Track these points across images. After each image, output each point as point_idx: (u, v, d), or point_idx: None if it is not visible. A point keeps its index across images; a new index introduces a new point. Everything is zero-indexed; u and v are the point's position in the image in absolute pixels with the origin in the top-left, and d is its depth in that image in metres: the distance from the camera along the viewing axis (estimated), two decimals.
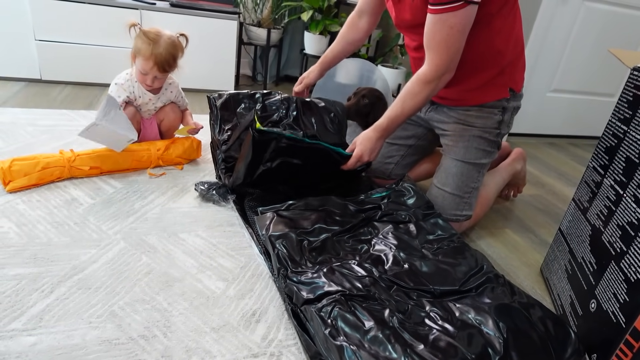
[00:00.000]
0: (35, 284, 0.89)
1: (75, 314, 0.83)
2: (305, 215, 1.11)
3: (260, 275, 1.02)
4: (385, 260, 1.01)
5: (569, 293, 1.01)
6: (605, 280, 0.87)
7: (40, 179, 1.24)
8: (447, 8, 1.02)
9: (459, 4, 1.00)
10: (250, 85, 2.80)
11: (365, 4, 1.44)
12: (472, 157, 1.28)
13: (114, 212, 1.19)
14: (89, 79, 2.24)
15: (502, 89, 1.26)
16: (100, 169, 1.35)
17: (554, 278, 1.13)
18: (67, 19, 2.09)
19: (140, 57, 1.37)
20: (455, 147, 1.30)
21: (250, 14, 2.68)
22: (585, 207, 1.04)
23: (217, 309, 0.90)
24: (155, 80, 1.43)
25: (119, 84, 1.43)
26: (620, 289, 0.82)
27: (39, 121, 1.69)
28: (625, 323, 0.79)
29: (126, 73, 1.44)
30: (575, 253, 1.03)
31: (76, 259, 0.98)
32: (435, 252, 1.06)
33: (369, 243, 1.08)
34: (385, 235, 1.11)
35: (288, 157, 1.22)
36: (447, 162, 1.31)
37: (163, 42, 1.36)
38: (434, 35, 1.08)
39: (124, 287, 0.92)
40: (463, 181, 1.29)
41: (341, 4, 2.55)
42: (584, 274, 0.96)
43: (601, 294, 0.88)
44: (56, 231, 1.07)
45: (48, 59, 2.14)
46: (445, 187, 1.29)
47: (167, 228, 1.15)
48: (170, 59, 1.38)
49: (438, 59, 1.10)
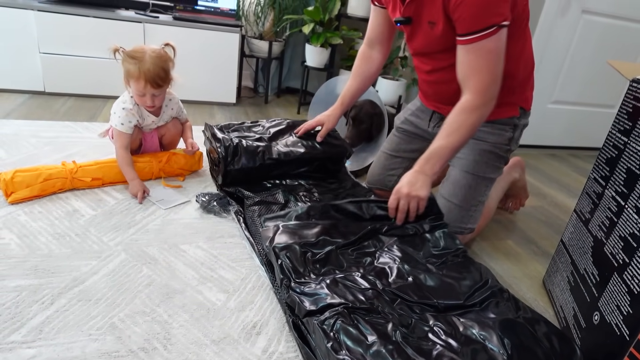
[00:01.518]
0: (35, 295, 0.89)
1: (75, 326, 0.83)
2: (309, 226, 1.11)
3: (261, 287, 1.02)
4: (389, 272, 1.01)
5: (572, 305, 1.01)
6: (608, 292, 0.87)
7: (43, 191, 1.24)
8: (482, 35, 1.01)
9: (493, 29, 1.00)
10: (251, 97, 2.82)
11: (375, 34, 1.43)
12: (481, 170, 1.28)
13: (115, 223, 1.19)
14: (92, 91, 2.26)
15: (513, 108, 1.28)
16: (102, 181, 1.35)
17: (556, 290, 1.13)
18: (71, 32, 2.11)
19: (131, 79, 1.32)
20: (466, 160, 1.29)
21: (252, 27, 2.71)
22: (587, 218, 1.04)
23: (218, 321, 0.90)
24: (155, 99, 1.36)
25: (128, 109, 1.36)
26: (623, 301, 0.81)
27: (41, 133, 1.70)
28: (629, 336, 0.77)
29: (131, 97, 1.39)
30: (577, 265, 1.03)
31: (77, 271, 0.98)
32: (440, 266, 1.05)
33: (373, 256, 1.07)
34: (389, 247, 1.10)
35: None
36: (456, 173, 1.30)
37: (148, 58, 1.30)
38: (471, 63, 1.06)
39: (124, 299, 0.92)
40: (471, 194, 1.28)
41: (342, 16, 2.57)
42: (587, 285, 0.96)
43: (604, 306, 0.87)
44: (57, 242, 1.07)
45: (52, 72, 2.16)
46: (453, 199, 1.28)
47: (168, 239, 1.15)
48: (160, 72, 1.32)
49: (481, 85, 1.07)
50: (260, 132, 1.54)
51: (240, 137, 1.45)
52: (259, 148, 1.42)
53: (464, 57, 1.07)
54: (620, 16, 2.34)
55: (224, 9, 2.55)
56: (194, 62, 2.34)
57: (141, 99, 1.36)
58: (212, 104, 2.51)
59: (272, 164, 1.43)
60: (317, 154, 1.51)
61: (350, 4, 2.52)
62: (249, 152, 1.40)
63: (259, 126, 1.59)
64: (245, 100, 2.71)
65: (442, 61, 1.20)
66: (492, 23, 0.99)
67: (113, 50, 1.31)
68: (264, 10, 2.62)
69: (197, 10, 2.49)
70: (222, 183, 1.41)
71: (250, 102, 2.69)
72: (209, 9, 2.52)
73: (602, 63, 2.43)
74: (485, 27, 1.00)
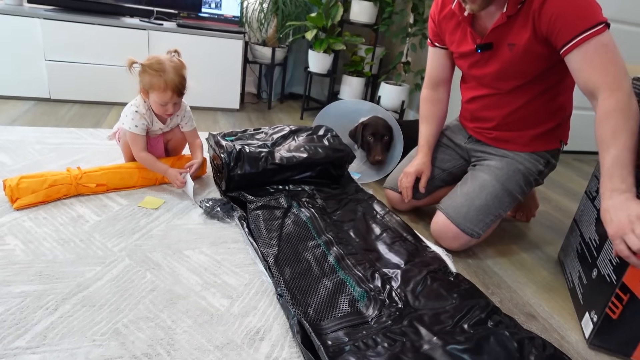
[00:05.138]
0: (40, 301, 0.89)
1: (79, 332, 0.83)
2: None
3: (264, 293, 1.02)
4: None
5: (578, 269, 1.19)
6: (604, 251, 1.04)
7: (48, 196, 1.25)
8: (594, 32, 0.99)
9: (601, 26, 0.99)
10: (255, 103, 2.83)
11: (438, 76, 1.44)
12: (511, 186, 1.29)
13: (119, 229, 1.19)
14: (97, 97, 2.27)
15: (555, 140, 1.31)
16: (106, 186, 1.36)
17: (567, 260, 1.31)
18: (76, 40, 2.13)
19: (154, 91, 1.34)
20: (500, 171, 1.30)
21: (255, 33, 2.73)
22: (594, 196, 1.20)
23: (221, 327, 0.90)
24: (175, 107, 1.40)
25: (141, 112, 1.38)
26: (613, 255, 0.98)
27: (47, 139, 1.72)
28: (616, 280, 0.95)
29: (144, 101, 1.40)
30: (584, 235, 1.21)
31: (81, 276, 0.98)
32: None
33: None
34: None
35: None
36: (487, 179, 1.30)
37: (169, 68, 1.33)
38: (594, 61, 1.00)
39: (128, 305, 0.92)
40: (494, 203, 1.28)
41: (344, 22, 2.59)
42: (590, 250, 1.14)
43: (600, 262, 1.05)
44: (62, 248, 1.07)
45: (57, 79, 2.18)
46: (476, 200, 1.28)
47: (171, 245, 1.15)
48: (182, 80, 1.36)
49: (613, 78, 0.97)
50: (263, 139, 1.54)
51: (243, 144, 1.46)
52: (262, 153, 1.43)
53: (583, 60, 1.01)
54: (622, 20, 2.34)
55: (228, 15, 2.57)
56: (198, 68, 2.36)
57: (162, 108, 1.38)
58: (215, 110, 2.52)
59: (274, 168, 1.43)
60: (320, 159, 1.51)
61: (353, 10, 2.53)
62: (251, 157, 1.40)
63: (262, 133, 1.60)
64: (249, 106, 2.73)
65: (503, 85, 1.25)
66: (599, 20, 0.99)
67: (129, 64, 1.33)
68: (267, 17, 2.64)
69: (200, 18, 2.51)
70: (225, 189, 1.41)
71: (254, 108, 2.70)
72: (212, 16, 2.54)
73: None
74: (594, 24, 0.99)
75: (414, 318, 0.96)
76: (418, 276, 1.10)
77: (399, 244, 1.26)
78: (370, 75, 2.75)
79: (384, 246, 1.25)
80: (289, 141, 1.55)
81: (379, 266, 1.15)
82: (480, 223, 1.27)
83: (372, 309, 0.98)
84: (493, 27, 1.16)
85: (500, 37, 1.17)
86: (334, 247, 1.20)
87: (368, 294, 1.02)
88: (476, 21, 1.23)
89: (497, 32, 1.17)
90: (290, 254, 1.15)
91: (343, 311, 0.96)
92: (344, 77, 2.70)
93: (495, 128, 1.34)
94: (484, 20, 1.20)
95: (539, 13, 1.05)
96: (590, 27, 0.99)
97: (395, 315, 0.96)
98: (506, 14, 1.11)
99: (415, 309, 0.99)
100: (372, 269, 1.13)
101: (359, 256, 1.18)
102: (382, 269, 1.13)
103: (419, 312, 0.98)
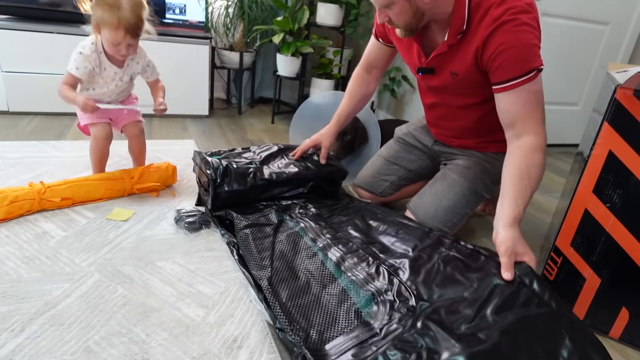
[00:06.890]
0: (4, 323, 0.85)
1: (48, 353, 0.80)
2: None
3: (240, 300, 1.01)
4: None
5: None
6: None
7: (9, 214, 1.20)
8: (528, 79, 1.02)
9: (534, 72, 1.02)
10: (224, 108, 2.80)
11: (375, 60, 1.44)
12: (478, 186, 1.32)
13: (87, 243, 1.15)
14: (59, 109, 2.19)
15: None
16: (72, 200, 1.31)
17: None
18: (34, 50, 2.06)
19: (106, 27, 1.24)
20: (468, 170, 1.32)
21: (222, 39, 2.70)
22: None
23: (198, 337, 0.88)
24: (130, 48, 1.32)
25: (85, 54, 1.30)
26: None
27: (7, 154, 1.65)
28: (552, 244, 1.03)
29: (92, 43, 1.31)
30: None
31: (48, 295, 0.95)
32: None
33: None
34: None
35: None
36: (455, 178, 1.32)
37: (126, 4, 1.23)
38: (524, 106, 1.05)
39: (99, 321, 0.89)
40: (462, 202, 1.30)
41: (311, 25, 2.59)
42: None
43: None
44: (26, 267, 1.03)
45: (15, 90, 2.10)
46: (444, 200, 1.30)
47: (143, 257, 1.13)
48: (138, 21, 1.26)
49: (539, 127, 1.06)
50: (251, 157, 1.46)
51: (230, 161, 1.38)
52: (250, 169, 1.35)
53: (512, 102, 1.06)
54: (579, 18, 2.44)
55: (193, 21, 2.53)
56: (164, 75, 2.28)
57: (115, 48, 1.30)
58: (184, 117, 2.48)
59: (264, 184, 1.34)
60: (311, 175, 1.43)
61: (319, 13, 2.55)
62: (239, 173, 1.32)
63: (250, 152, 1.52)
64: (219, 112, 2.69)
65: (452, 100, 1.26)
66: (534, 67, 1.02)
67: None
68: (233, 22, 2.62)
69: (165, 24, 2.47)
70: (212, 207, 1.32)
71: (224, 114, 2.68)
72: (177, 21, 2.50)
73: (564, 63, 2.53)
74: (529, 70, 1.02)
75: (429, 316, 0.86)
76: (428, 263, 1.03)
77: (404, 232, 1.19)
78: (339, 77, 2.77)
79: (388, 237, 1.18)
80: (278, 159, 1.49)
81: (383, 258, 1.07)
82: (449, 222, 1.30)
83: (379, 315, 0.89)
84: (434, 54, 1.16)
85: (442, 64, 1.18)
86: (333, 248, 1.12)
87: (374, 298, 0.93)
88: (425, 34, 1.20)
89: (439, 60, 1.17)
90: (285, 272, 1.05)
91: (349, 326, 0.87)
92: (314, 79, 2.70)
93: (456, 136, 1.37)
94: (435, 34, 1.18)
95: (483, 49, 1.06)
96: (525, 73, 1.02)
97: (407, 317, 0.87)
98: (447, 42, 1.11)
99: (429, 302, 0.90)
100: (377, 262, 1.05)
101: (361, 252, 1.10)
102: (388, 260, 1.06)
103: (433, 305, 0.89)
